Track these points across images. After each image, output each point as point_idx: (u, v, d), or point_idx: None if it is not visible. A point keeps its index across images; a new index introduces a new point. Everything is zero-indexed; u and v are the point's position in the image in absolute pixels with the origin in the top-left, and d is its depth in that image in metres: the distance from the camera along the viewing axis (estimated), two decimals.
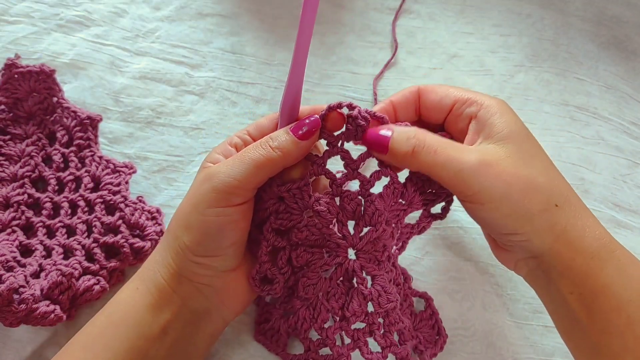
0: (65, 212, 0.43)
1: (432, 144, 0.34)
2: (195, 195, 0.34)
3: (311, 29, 0.32)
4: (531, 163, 0.34)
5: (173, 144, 0.48)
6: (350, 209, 0.37)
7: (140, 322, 0.34)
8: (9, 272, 0.37)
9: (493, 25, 0.56)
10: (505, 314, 0.44)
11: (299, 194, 0.36)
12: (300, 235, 0.37)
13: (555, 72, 0.55)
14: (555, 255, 0.34)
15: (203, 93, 0.50)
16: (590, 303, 0.33)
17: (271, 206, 0.37)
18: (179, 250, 0.35)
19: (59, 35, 0.50)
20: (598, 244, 0.33)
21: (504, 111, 0.36)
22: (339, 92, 0.52)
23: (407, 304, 0.42)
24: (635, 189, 0.51)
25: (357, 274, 0.38)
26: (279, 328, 0.40)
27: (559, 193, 0.34)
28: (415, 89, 0.39)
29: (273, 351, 0.41)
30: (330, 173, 0.37)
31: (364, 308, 0.39)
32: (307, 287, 0.38)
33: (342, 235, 0.38)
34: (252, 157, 0.34)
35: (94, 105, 0.48)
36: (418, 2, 0.57)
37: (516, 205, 0.34)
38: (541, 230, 0.34)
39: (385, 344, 0.39)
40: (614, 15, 0.58)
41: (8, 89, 0.44)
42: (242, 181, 0.33)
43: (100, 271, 0.41)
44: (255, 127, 0.38)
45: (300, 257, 0.38)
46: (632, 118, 0.54)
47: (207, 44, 0.52)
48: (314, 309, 0.39)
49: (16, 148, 0.44)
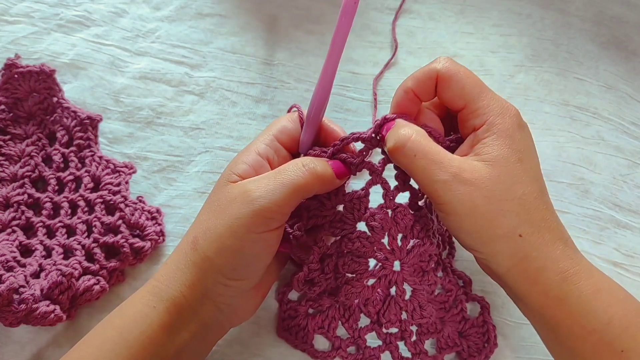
0: (65, 212, 0.43)
1: (414, 147, 0.34)
2: (232, 218, 0.33)
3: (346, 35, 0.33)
4: (510, 189, 0.34)
5: (173, 144, 0.48)
6: (403, 224, 0.37)
7: (155, 343, 0.33)
8: (9, 272, 0.37)
9: (493, 25, 0.56)
10: (505, 314, 0.44)
11: (357, 205, 0.37)
12: (351, 245, 0.38)
13: (555, 72, 0.55)
14: (512, 282, 0.35)
15: (203, 93, 0.50)
16: (554, 329, 0.34)
17: (330, 214, 0.37)
18: (208, 272, 0.34)
19: (59, 35, 0.50)
20: (559, 278, 0.33)
21: (505, 132, 0.35)
22: (339, 92, 0.52)
23: (457, 309, 0.42)
24: (635, 189, 0.51)
25: (397, 285, 0.39)
26: (305, 325, 0.41)
27: (528, 223, 0.34)
28: (434, 74, 0.37)
29: (299, 348, 0.41)
30: (387, 184, 0.38)
31: (399, 316, 0.40)
32: (350, 294, 0.39)
33: (391, 249, 0.38)
34: (292, 180, 0.34)
35: (94, 105, 0.48)
36: (418, 2, 0.57)
37: (478, 226, 0.33)
38: (499, 255, 0.34)
39: (415, 351, 0.41)
40: (614, 15, 0.58)
41: (8, 89, 0.44)
42: (281, 206, 0.33)
43: (100, 271, 0.41)
44: (280, 131, 0.37)
45: (347, 266, 0.38)
46: (632, 118, 0.54)
47: (207, 44, 0.52)
48: (345, 309, 0.40)
49: (16, 148, 0.44)
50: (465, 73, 0.37)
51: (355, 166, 0.37)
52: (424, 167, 0.34)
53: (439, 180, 0.33)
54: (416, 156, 0.34)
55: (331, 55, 0.34)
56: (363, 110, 0.51)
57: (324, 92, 0.35)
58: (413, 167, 0.34)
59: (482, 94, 0.36)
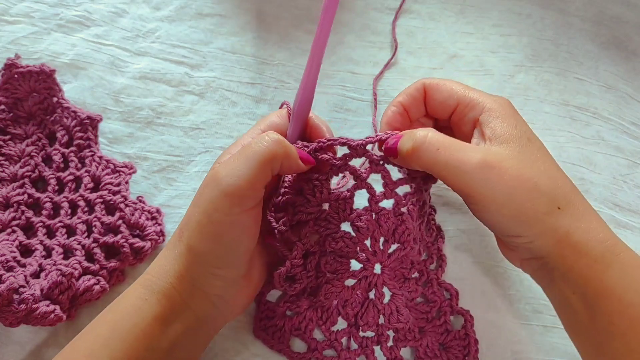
0: (65, 212, 0.43)
1: (434, 141, 0.34)
2: (206, 202, 0.33)
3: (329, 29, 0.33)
4: (534, 165, 0.34)
5: (173, 144, 0.48)
6: (386, 227, 0.38)
7: (148, 335, 0.33)
8: (9, 272, 0.37)
9: (493, 25, 0.56)
10: (505, 314, 0.44)
11: (342, 205, 0.37)
12: (334, 245, 0.38)
13: (555, 72, 0.55)
14: (558, 258, 0.34)
15: (203, 93, 0.50)
16: (592, 305, 0.33)
17: (315, 211, 0.38)
18: (193, 261, 0.34)
19: (59, 35, 0.50)
20: (602, 247, 0.33)
21: (506, 114, 0.36)
22: (339, 92, 0.52)
23: (440, 321, 0.42)
24: (635, 189, 0.51)
25: (377, 288, 0.40)
26: (282, 326, 0.41)
27: (562, 195, 0.34)
28: (420, 86, 0.40)
29: (275, 348, 0.41)
30: (372, 189, 0.38)
31: (376, 319, 0.40)
32: (329, 294, 0.39)
33: (373, 251, 0.39)
34: (255, 150, 0.33)
35: (94, 105, 0.48)
36: (418, 2, 0.57)
37: (519, 209, 0.33)
38: (544, 233, 0.34)
39: (390, 357, 0.41)
40: (614, 15, 0.58)
41: (8, 89, 0.44)
42: (251, 182, 0.32)
43: (100, 271, 0.41)
44: (269, 126, 0.38)
45: (328, 264, 0.39)
46: (632, 118, 0.54)
47: (207, 44, 0.52)
48: (323, 311, 0.40)
49: (16, 148, 0.44)
50: (449, 80, 0.40)
51: (337, 167, 0.37)
52: (447, 159, 0.34)
53: (467, 171, 0.33)
54: (439, 149, 0.34)
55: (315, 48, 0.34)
56: (363, 110, 0.51)
57: (309, 86, 0.35)
58: (437, 161, 0.34)
59: (470, 89, 0.38)
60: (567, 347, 0.43)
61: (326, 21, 0.33)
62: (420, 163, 0.35)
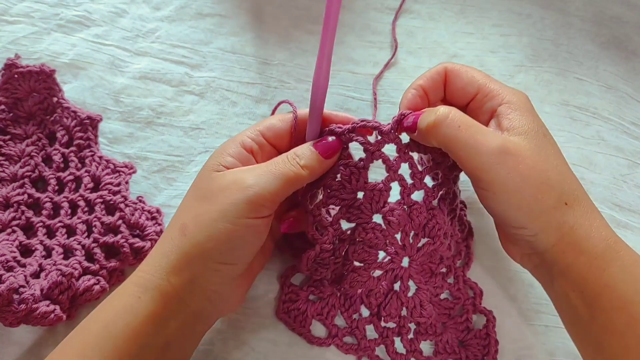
0: (65, 212, 0.43)
1: (457, 119, 0.34)
2: (226, 204, 0.34)
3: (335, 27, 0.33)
4: (548, 160, 0.35)
5: (173, 144, 0.48)
6: (418, 221, 0.38)
7: (142, 334, 0.32)
8: (9, 272, 0.37)
9: (493, 25, 0.56)
10: (505, 314, 0.44)
11: (377, 197, 0.37)
12: (364, 235, 0.38)
13: (555, 72, 0.55)
14: (558, 254, 0.34)
15: (203, 93, 0.50)
16: (592, 302, 0.33)
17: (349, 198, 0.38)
18: (197, 257, 0.34)
19: (59, 35, 0.50)
20: (603, 245, 0.34)
21: (525, 108, 0.36)
22: (339, 91, 0.52)
23: (462, 318, 0.43)
24: (635, 189, 0.51)
25: (402, 281, 0.40)
26: (305, 310, 0.41)
27: (570, 192, 0.35)
28: (442, 70, 0.39)
29: (296, 331, 0.42)
30: (404, 180, 0.38)
31: (399, 311, 0.41)
32: (355, 283, 0.39)
33: (402, 245, 0.39)
34: (283, 172, 0.35)
35: (94, 105, 0.48)
36: (418, 2, 0.57)
37: (528, 200, 0.34)
38: (548, 227, 0.34)
39: (409, 349, 0.41)
40: (614, 15, 0.58)
41: (8, 89, 0.44)
42: (273, 194, 0.34)
43: (100, 271, 0.41)
44: (268, 129, 0.38)
45: (357, 254, 0.39)
46: (632, 118, 0.54)
47: (207, 44, 0.52)
48: (346, 299, 0.41)
49: (16, 148, 0.44)
50: (471, 67, 0.40)
51: (371, 153, 0.37)
52: (467, 139, 0.34)
53: (486, 153, 0.33)
54: (460, 127, 0.34)
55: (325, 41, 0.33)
56: (363, 109, 0.51)
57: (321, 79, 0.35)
58: (457, 139, 0.34)
59: (491, 79, 0.38)
60: (569, 347, 0.43)
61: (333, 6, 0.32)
62: (439, 139, 0.35)
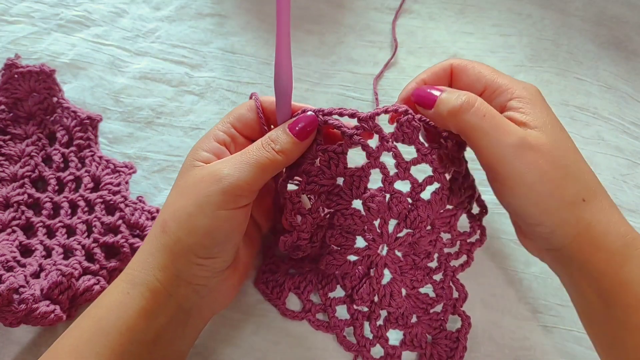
0: (65, 212, 0.43)
1: (483, 107, 0.34)
2: (201, 196, 0.33)
3: (288, 14, 0.32)
4: (566, 155, 0.34)
5: (173, 144, 0.48)
6: (396, 210, 0.37)
7: (133, 328, 0.33)
8: (9, 272, 0.37)
9: (493, 25, 0.56)
10: (505, 314, 0.44)
11: (357, 182, 0.37)
12: (342, 221, 0.38)
13: (555, 72, 0.55)
14: (576, 250, 0.34)
15: (203, 93, 0.50)
16: (608, 298, 0.33)
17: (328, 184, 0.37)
18: (180, 253, 0.34)
19: (59, 35, 0.50)
20: (621, 241, 0.33)
21: (537, 101, 0.35)
22: (339, 91, 0.52)
23: (438, 316, 0.42)
24: (635, 189, 0.51)
25: (377, 268, 0.40)
26: (283, 282, 0.42)
27: (587, 187, 0.34)
28: (447, 66, 0.38)
29: (272, 302, 0.42)
30: (385, 169, 0.37)
31: (371, 297, 0.41)
32: (330, 265, 0.40)
33: (380, 232, 0.39)
34: (258, 160, 0.34)
35: (94, 105, 0.48)
36: (418, 2, 0.57)
37: (545, 196, 0.33)
38: (565, 224, 0.34)
39: (375, 334, 0.42)
40: (614, 15, 0.58)
41: (8, 89, 0.44)
42: (250, 183, 0.34)
43: (100, 271, 0.41)
44: (238, 119, 0.38)
45: (334, 238, 0.39)
46: (632, 118, 0.54)
47: (207, 44, 0.52)
48: (324, 277, 0.42)
49: (16, 148, 0.44)
50: (478, 62, 0.38)
51: (349, 137, 0.36)
52: (490, 129, 0.33)
53: (508, 145, 0.33)
54: (485, 116, 0.33)
55: (280, 14, 0.32)
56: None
57: (283, 62, 0.34)
58: (480, 128, 0.33)
59: (499, 74, 0.37)
60: (568, 348, 0.43)
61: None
62: (460, 125, 0.34)
